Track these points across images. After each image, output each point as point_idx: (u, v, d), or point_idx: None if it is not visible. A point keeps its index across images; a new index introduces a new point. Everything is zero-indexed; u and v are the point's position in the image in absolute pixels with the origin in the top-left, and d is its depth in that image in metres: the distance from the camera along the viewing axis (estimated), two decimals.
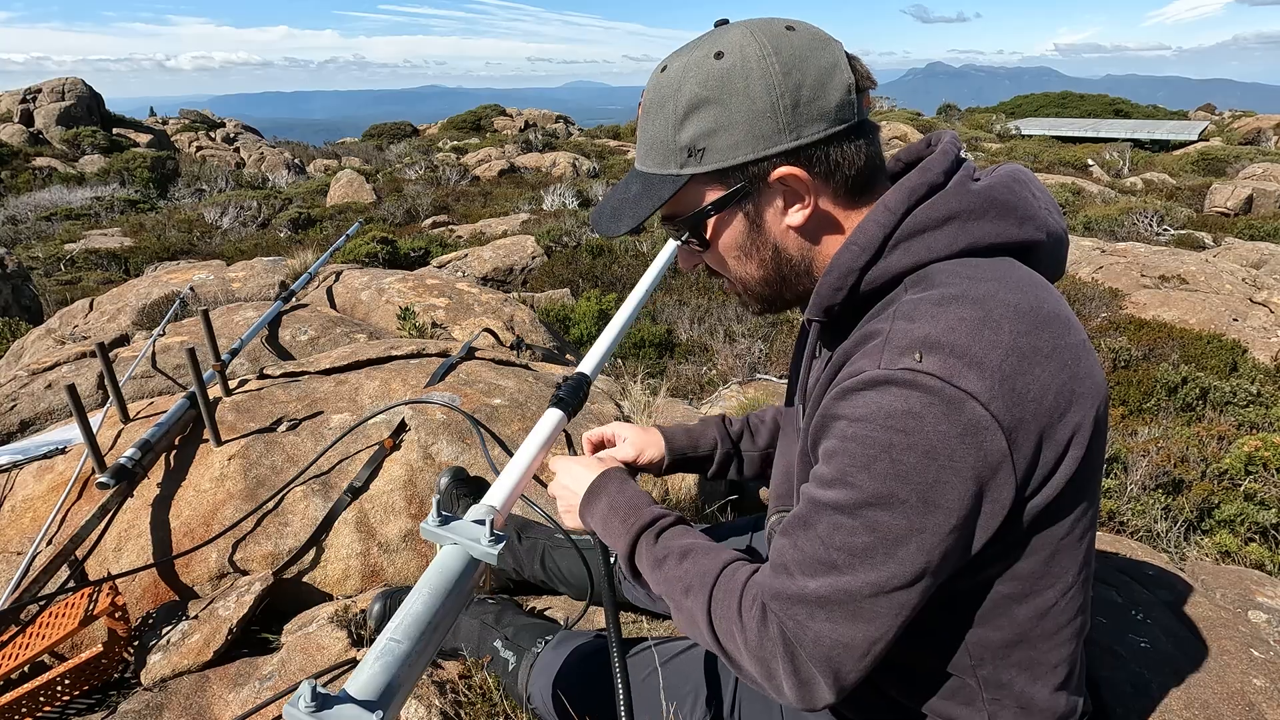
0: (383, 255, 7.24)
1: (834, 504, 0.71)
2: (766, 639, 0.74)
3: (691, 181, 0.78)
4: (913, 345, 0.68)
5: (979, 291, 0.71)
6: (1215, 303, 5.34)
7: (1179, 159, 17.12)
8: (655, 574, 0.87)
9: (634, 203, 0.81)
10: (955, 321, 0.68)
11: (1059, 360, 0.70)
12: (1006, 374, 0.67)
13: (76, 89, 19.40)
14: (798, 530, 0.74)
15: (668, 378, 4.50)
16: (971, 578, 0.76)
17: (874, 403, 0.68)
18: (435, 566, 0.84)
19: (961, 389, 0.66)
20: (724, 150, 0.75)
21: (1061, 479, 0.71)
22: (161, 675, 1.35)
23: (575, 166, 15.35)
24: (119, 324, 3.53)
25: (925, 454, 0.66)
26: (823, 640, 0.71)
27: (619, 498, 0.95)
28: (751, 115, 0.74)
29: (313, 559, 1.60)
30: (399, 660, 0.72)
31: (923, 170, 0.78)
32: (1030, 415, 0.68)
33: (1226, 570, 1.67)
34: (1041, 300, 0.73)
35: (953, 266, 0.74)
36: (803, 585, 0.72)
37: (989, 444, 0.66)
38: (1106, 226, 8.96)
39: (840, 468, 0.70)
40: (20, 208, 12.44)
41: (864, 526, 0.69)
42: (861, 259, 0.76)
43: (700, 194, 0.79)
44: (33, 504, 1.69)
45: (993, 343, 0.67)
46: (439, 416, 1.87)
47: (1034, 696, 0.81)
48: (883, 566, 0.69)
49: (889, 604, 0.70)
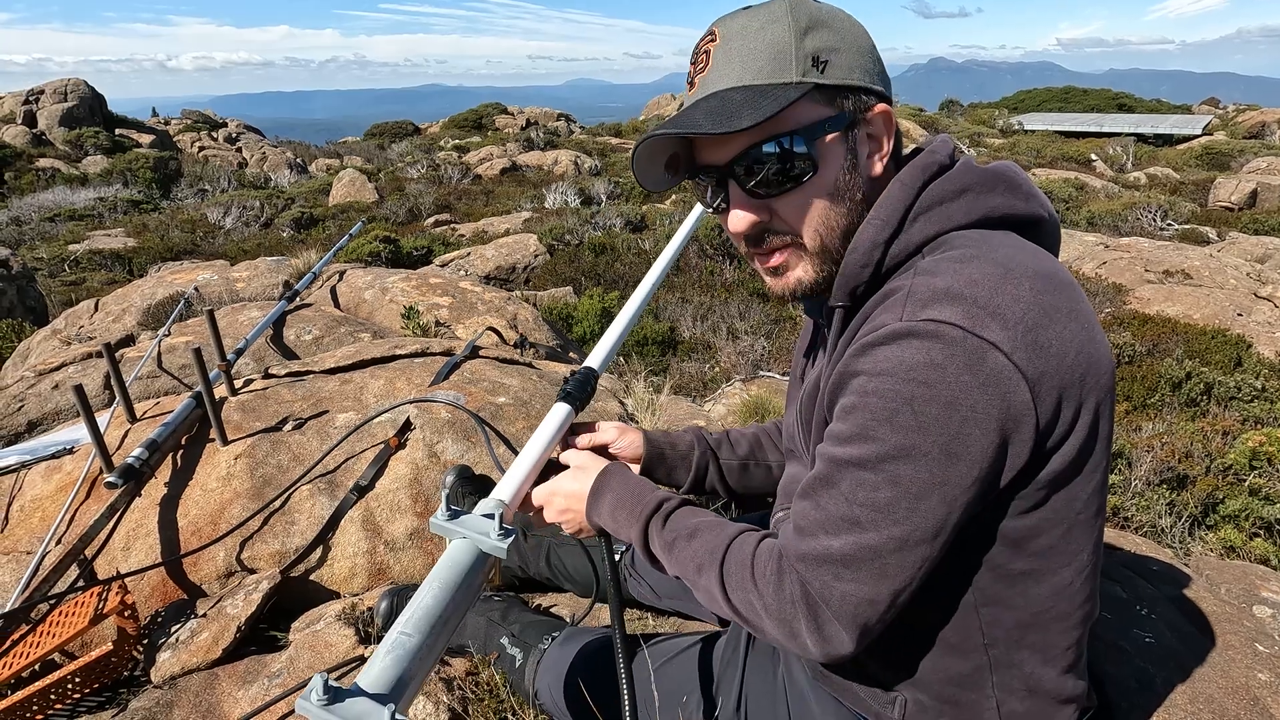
0: (385, 254, 7.25)
1: (855, 460, 0.70)
2: (785, 601, 0.74)
3: (806, 98, 0.74)
4: (935, 297, 0.68)
5: (998, 254, 0.72)
6: (1220, 297, 5.32)
7: (1183, 153, 17.05)
8: (668, 558, 0.88)
9: (752, 103, 0.73)
10: (978, 275, 0.69)
11: (1079, 321, 0.71)
12: (1030, 326, 0.67)
13: (79, 90, 19.45)
14: (819, 489, 0.74)
15: (671, 375, 4.50)
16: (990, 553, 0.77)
17: (895, 356, 0.68)
18: (445, 561, 0.84)
19: (985, 339, 0.66)
20: (844, 69, 0.76)
21: (1077, 441, 0.71)
22: (171, 673, 1.36)
23: (577, 164, 15.34)
24: (124, 324, 3.54)
25: (948, 404, 0.66)
26: (849, 599, 0.71)
27: (623, 490, 0.95)
28: (859, 49, 0.77)
29: (319, 557, 1.61)
30: (410, 654, 0.73)
31: (930, 152, 0.81)
32: (1053, 370, 0.68)
33: (1231, 565, 1.67)
34: (1056, 268, 0.75)
35: (969, 234, 0.76)
36: (826, 545, 0.72)
37: (1012, 394, 0.66)
38: (1110, 222, 8.93)
39: (861, 422, 0.70)
40: (24, 209, 12.48)
41: (887, 480, 0.69)
42: (885, 232, 0.77)
43: (813, 112, 0.75)
44: (41, 504, 1.70)
45: (1015, 296, 0.68)
46: (444, 415, 1.88)
47: (1042, 678, 0.82)
48: (906, 521, 0.69)
49: (913, 557, 0.70)
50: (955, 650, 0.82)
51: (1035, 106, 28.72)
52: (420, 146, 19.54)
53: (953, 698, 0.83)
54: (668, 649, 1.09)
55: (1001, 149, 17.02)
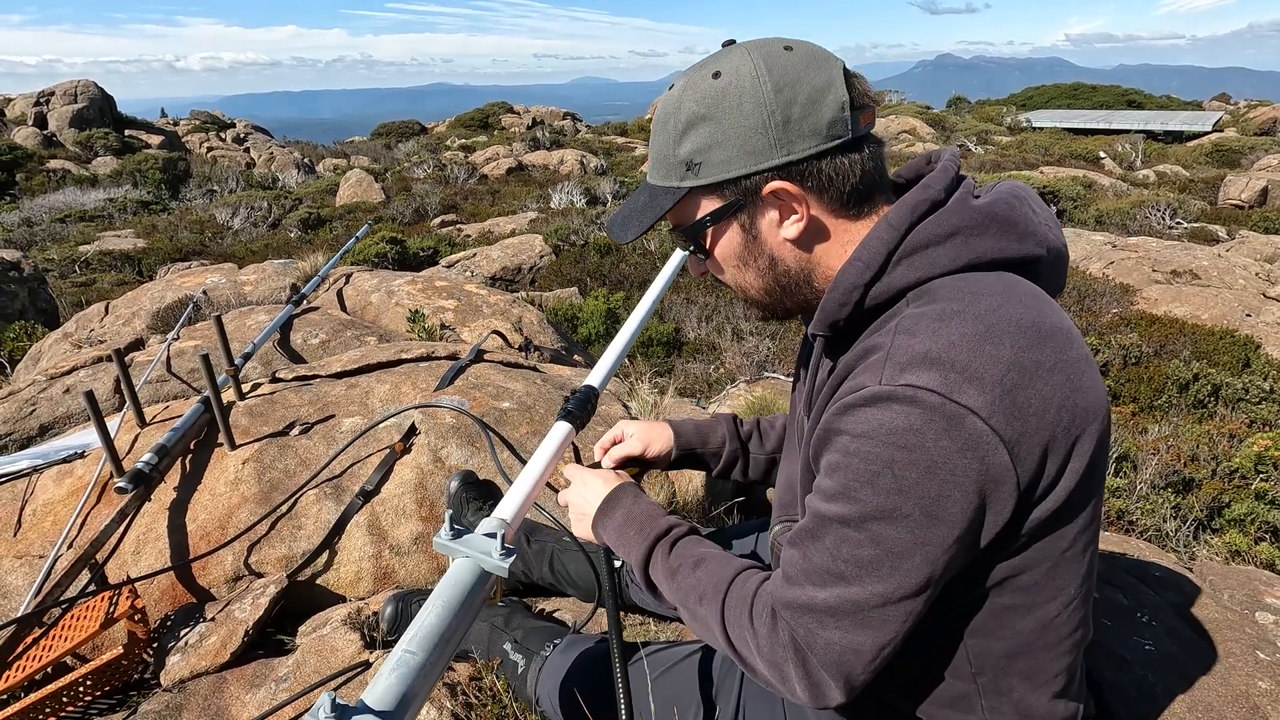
0: (392, 255, 7.29)
1: (839, 517, 0.72)
2: (778, 645, 0.76)
3: (690, 194, 0.83)
4: (913, 361, 0.69)
5: (980, 307, 0.72)
6: (1228, 298, 5.29)
7: (1192, 150, 16.92)
8: (670, 583, 0.89)
9: (640, 212, 0.87)
10: (956, 337, 0.69)
11: (1061, 374, 0.71)
12: (1008, 388, 0.68)
13: (89, 91, 19.58)
14: (806, 542, 0.76)
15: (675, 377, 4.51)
16: (975, 590, 0.78)
17: (875, 419, 0.69)
18: (448, 580, 0.86)
19: (961, 404, 0.67)
20: (718, 165, 0.79)
21: (1064, 491, 0.72)
22: (180, 676, 1.38)
23: (583, 164, 15.35)
24: (134, 328, 3.58)
25: (927, 469, 0.67)
26: (833, 647, 0.73)
27: (634, 510, 0.98)
28: (744, 131, 0.77)
29: (326, 561, 1.63)
30: (414, 671, 0.75)
31: (924, 187, 0.79)
32: (1033, 429, 0.68)
33: (1235, 571, 1.66)
34: (1043, 315, 0.74)
35: (955, 282, 0.76)
36: (812, 595, 0.74)
37: (990, 458, 0.67)
38: (1118, 220, 8.88)
39: (844, 482, 0.72)
40: (35, 210, 12.59)
41: (869, 539, 0.70)
42: (865, 275, 0.77)
43: (700, 205, 0.84)
44: (53, 508, 1.72)
45: (994, 358, 0.68)
46: (448, 420, 1.89)
47: (1032, 705, 0.83)
48: (889, 578, 0.70)
49: (896, 612, 0.71)
50: (944, 678, 0.83)
51: (1043, 103, 28.54)
52: (427, 146, 19.61)
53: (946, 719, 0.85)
54: (667, 657, 1.10)
55: (1009, 146, 16.92)
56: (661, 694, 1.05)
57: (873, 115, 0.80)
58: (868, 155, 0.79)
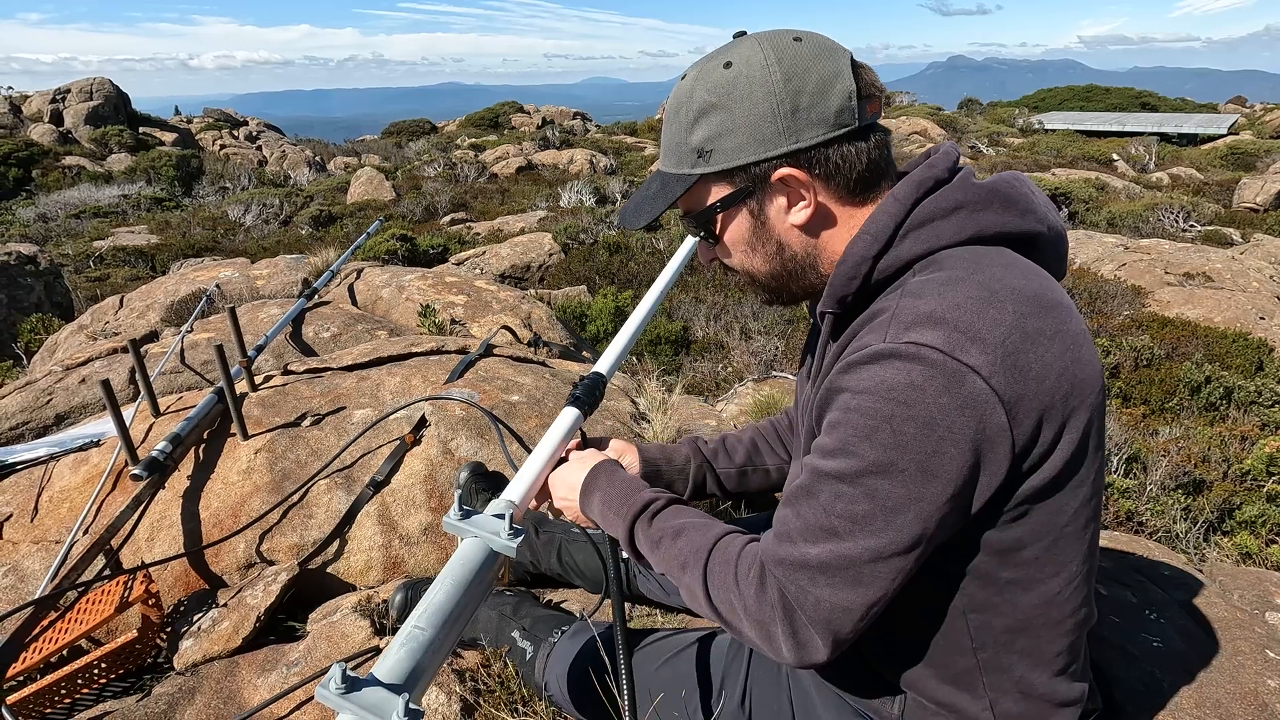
0: (402, 252, 7.32)
1: (835, 473, 0.73)
2: (765, 604, 0.77)
3: (701, 181, 0.85)
4: (918, 320, 0.71)
5: (985, 275, 0.74)
6: (1241, 300, 5.25)
7: (1207, 153, 16.77)
8: (654, 556, 0.91)
9: (652, 199, 0.89)
10: (961, 299, 0.71)
11: (1062, 344, 0.72)
12: (1009, 350, 0.69)
13: (104, 89, 19.78)
14: (800, 499, 0.77)
15: (683, 375, 4.52)
16: (976, 563, 0.78)
17: (878, 375, 0.70)
18: (457, 559, 0.87)
19: (963, 363, 0.68)
20: (729, 152, 0.81)
21: (1059, 460, 0.73)
22: (193, 660, 1.40)
23: (592, 163, 15.38)
24: (148, 320, 3.62)
25: (925, 424, 0.68)
26: (823, 604, 0.74)
27: (610, 490, 0.99)
28: (753, 120, 0.79)
29: (336, 550, 1.65)
30: (423, 646, 0.76)
31: (928, 166, 0.82)
32: (1031, 393, 0.70)
33: (1245, 572, 1.66)
34: (1045, 289, 0.76)
35: (960, 253, 0.78)
36: (804, 551, 0.74)
37: (988, 417, 0.68)
38: (1131, 223, 8.82)
39: (842, 438, 0.73)
40: (50, 206, 12.74)
41: (864, 494, 0.71)
42: (874, 247, 0.79)
43: (710, 192, 0.85)
44: (69, 495, 1.75)
45: (996, 320, 0.70)
46: (458, 412, 1.91)
47: (1034, 682, 0.83)
48: (882, 533, 0.71)
49: (887, 569, 0.72)
50: (945, 653, 0.84)
51: (1056, 105, 28.37)
52: (437, 145, 19.68)
53: (949, 698, 0.85)
54: (673, 644, 1.11)
55: (1021, 148, 16.83)
56: (667, 679, 1.06)
57: (879, 105, 0.82)
58: (874, 144, 0.81)
